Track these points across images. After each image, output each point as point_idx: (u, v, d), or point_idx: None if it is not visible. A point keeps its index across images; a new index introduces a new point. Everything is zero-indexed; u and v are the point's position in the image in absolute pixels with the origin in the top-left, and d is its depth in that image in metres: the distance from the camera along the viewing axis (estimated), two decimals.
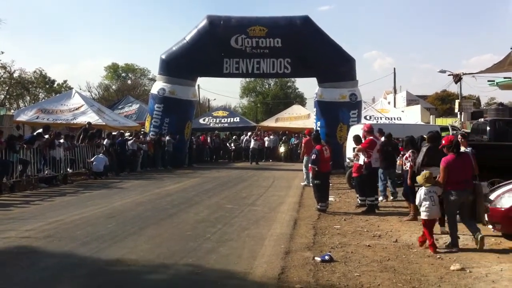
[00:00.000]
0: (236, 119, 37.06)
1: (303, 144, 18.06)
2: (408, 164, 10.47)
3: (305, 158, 16.67)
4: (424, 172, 8.29)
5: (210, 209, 11.65)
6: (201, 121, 35.55)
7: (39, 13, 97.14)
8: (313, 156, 11.55)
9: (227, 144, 32.77)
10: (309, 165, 11.86)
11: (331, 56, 24.18)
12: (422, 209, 7.97)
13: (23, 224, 9.59)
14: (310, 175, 13.01)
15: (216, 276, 6.41)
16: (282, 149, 30.81)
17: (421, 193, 8.02)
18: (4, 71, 37.72)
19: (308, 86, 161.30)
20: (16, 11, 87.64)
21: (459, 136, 10.03)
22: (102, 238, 8.46)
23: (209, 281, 6.25)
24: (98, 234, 8.78)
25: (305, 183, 16.57)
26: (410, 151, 10.51)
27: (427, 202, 7.89)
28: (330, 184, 12.91)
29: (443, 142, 8.26)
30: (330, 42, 24.55)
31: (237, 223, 9.97)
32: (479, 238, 7.74)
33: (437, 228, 8.65)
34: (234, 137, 33.73)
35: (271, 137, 31.81)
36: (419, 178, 8.22)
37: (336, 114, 23.73)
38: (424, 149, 9.47)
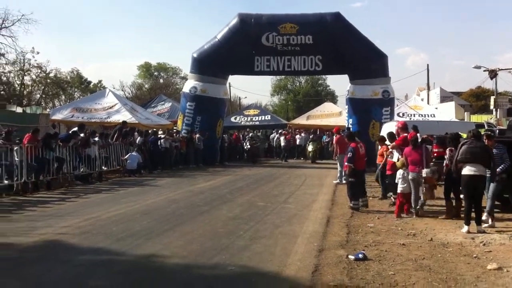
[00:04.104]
0: (267, 117, 37.08)
1: (334, 143, 17.92)
2: (444, 162, 10.36)
3: (338, 156, 16.57)
4: (401, 159, 10.95)
5: (242, 207, 11.68)
6: (232, 119, 35.69)
7: (72, 13, 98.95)
8: (349, 154, 11.50)
9: (244, 143, 30.17)
10: (345, 163, 11.77)
11: (363, 52, 23.97)
12: (399, 186, 10.69)
13: (60, 221, 9.79)
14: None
15: (250, 273, 6.43)
16: (310, 148, 28.20)
17: (399, 174, 10.79)
18: (40, 71, 38.47)
19: (339, 83, 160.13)
20: (50, 12, 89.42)
21: (484, 137, 9.80)
22: (136, 234, 8.57)
23: (243, 278, 6.27)
24: (133, 230, 8.90)
25: (338, 181, 16.45)
26: (448, 149, 10.37)
27: (401, 181, 10.64)
28: None
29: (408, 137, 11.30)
30: (362, 38, 24.35)
31: (270, 220, 9.97)
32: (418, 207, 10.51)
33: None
34: (250, 134, 30.87)
35: (303, 135, 31.67)
36: (398, 164, 11.04)
37: (368, 111, 23.54)
38: (459, 146, 9.34)
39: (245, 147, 28.91)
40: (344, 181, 15.68)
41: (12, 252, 7.45)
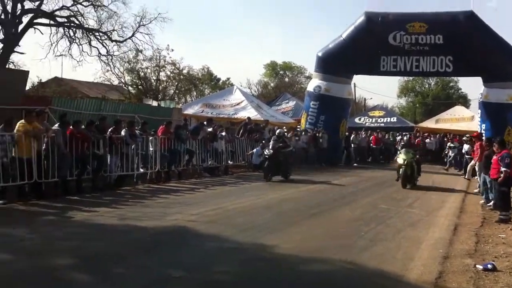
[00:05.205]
0: (393, 119, 36.15)
1: (477, 148, 16.59)
2: None
3: (477, 163, 15.34)
4: None
5: (364, 208, 11.55)
6: (356, 120, 35.22)
7: (204, 13, 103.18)
8: (506, 160, 10.69)
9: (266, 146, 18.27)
10: (502, 169, 10.82)
11: (498, 54, 22.52)
12: None
13: (189, 209, 10.40)
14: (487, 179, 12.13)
15: (370, 274, 6.37)
16: (400, 159, 16.35)
17: None
18: (174, 67, 40.64)
19: (472, 86, 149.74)
20: (183, 11, 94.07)
21: None
22: (258, 227, 8.86)
23: (363, 278, 6.24)
24: (255, 223, 9.23)
25: (478, 190, 15.12)
26: None
27: None
28: None
29: None
30: (497, 39, 22.85)
31: (392, 224, 9.76)
32: None
33: None
34: (278, 131, 18.90)
35: (432, 138, 30.44)
36: None
37: (503, 117, 22.11)
38: None
39: (265, 153, 17.11)
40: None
41: (146, 235, 8.07)
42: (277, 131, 18.51)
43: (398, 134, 32.69)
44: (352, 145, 27.14)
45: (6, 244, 7.14)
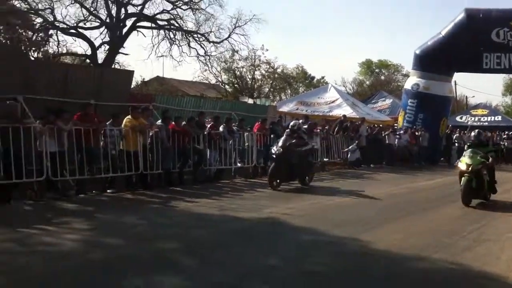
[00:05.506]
0: (498, 117, 34.49)
1: None
2: None
3: None
4: None
5: (465, 208, 11.09)
6: (457, 118, 33.98)
7: (296, 11, 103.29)
8: None
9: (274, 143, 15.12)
10: None
11: None
12: None
13: (285, 202, 10.63)
14: None
15: (473, 275, 6.16)
16: (462, 164, 11.29)
17: None
18: (268, 66, 41.27)
19: None
20: (277, 11, 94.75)
21: None
22: (354, 223, 8.80)
23: (466, 279, 6.07)
24: (351, 219, 9.19)
25: None
26: None
27: None
28: None
29: None
30: None
31: (496, 225, 9.35)
32: None
33: None
34: (292, 122, 14.50)
35: None
36: None
37: None
38: None
39: (272, 152, 13.33)
40: None
41: (244, 226, 8.40)
42: (291, 122, 14.25)
43: (504, 133, 31.00)
44: (456, 144, 26.14)
45: (120, 230, 7.74)
